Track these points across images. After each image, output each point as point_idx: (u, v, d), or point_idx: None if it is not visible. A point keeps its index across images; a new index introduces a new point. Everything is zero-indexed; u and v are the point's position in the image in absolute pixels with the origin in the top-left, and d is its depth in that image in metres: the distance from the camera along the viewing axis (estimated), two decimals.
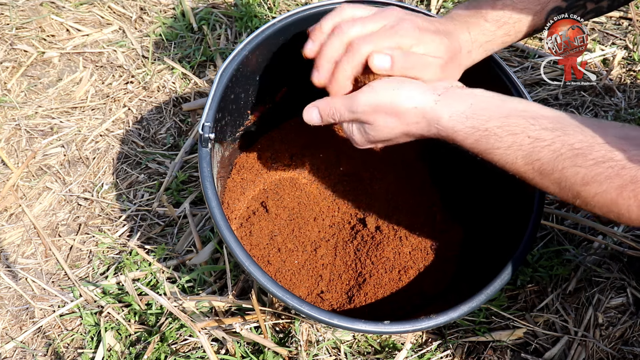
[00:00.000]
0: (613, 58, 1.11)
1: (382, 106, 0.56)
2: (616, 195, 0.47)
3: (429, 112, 0.55)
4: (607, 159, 0.48)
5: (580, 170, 0.49)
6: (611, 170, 0.47)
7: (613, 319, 0.81)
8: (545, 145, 0.51)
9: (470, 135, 0.54)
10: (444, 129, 0.55)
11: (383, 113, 0.56)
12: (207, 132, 0.63)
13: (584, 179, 0.49)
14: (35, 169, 1.00)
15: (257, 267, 0.59)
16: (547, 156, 0.51)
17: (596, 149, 0.49)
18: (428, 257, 0.81)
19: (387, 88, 0.56)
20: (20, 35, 1.17)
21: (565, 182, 0.50)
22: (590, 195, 0.49)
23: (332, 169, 0.90)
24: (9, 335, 0.83)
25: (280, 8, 1.22)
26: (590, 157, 0.49)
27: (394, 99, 0.55)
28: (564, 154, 0.50)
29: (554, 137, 0.51)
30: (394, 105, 0.55)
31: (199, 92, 1.10)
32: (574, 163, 0.49)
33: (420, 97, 0.55)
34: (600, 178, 0.48)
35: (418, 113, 0.55)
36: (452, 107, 0.54)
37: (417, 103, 0.55)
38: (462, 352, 0.79)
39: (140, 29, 1.21)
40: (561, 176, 0.50)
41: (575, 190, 0.50)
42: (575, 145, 0.50)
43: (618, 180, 0.47)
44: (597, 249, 0.87)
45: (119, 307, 0.82)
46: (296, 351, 0.76)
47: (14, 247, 0.92)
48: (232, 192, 0.85)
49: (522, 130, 0.52)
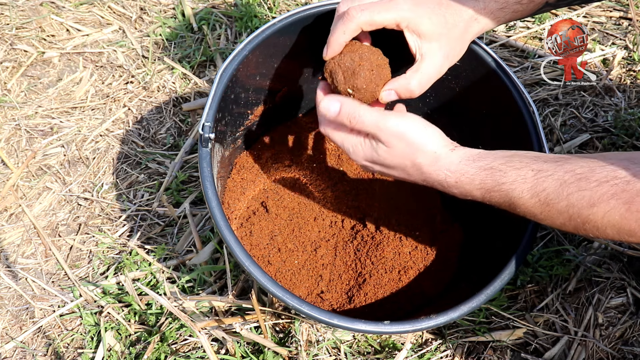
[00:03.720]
0: (613, 58, 1.11)
1: (408, 136, 0.57)
2: (625, 210, 0.47)
3: (444, 159, 0.57)
4: (610, 178, 0.48)
5: (586, 194, 0.49)
6: (616, 187, 0.47)
7: (613, 319, 0.81)
8: (548, 175, 0.52)
9: (476, 175, 0.56)
10: (452, 173, 0.57)
11: (405, 142, 0.57)
12: (207, 132, 0.63)
13: (590, 201, 0.49)
14: (35, 169, 1.00)
15: (257, 267, 0.59)
16: (552, 185, 0.51)
17: (598, 171, 0.49)
18: (428, 257, 0.81)
19: (418, 123, 0.58)
20: (20, 35, 1.17)
21: (573, 208, 0.50)
22: (598, 217, 0.49)
23: (332, 169, 0.90)
24: (9, 335, 0.83)
25: (280, 8, 1.22)
26: (594, 179, 0.49)
27: (421, 136, 0.57)
28: (568, 180, 0.50)
29: (556, 167, 0.52)
30: (418, 142, 0.57)
31: (199, 92, 1.10)
32: (578, 188, 0.49)
33: (440, 143, 0.58)
34: (606, 197, 0.48)
35: (434, 157, 0.58)
36: (463, 154, 0.58)
37: (437, 149, 0.58)
38: (462, 352, 0.79)
39: (140, 29, 1.21)
40: (568, 203, 0.50)
41: (584, 216, 0.49)
42: (577, 170, 0.50)
43: (624, 196, 0.47)
44: (597, 249, 0.87)
45: (119, 307, 0.82)
46: (296, 351, 0.76)
47: (14, 247, 0.92)
48: (232, 192, 0.85)
49: (526, 164, 0.54)
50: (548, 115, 1.04)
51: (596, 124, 1.03)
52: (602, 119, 1.03)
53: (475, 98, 0.80)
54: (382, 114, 0.58)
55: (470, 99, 0.80)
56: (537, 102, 1.07)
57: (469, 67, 0.76)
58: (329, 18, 0.66)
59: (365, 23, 0.59)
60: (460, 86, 0.80)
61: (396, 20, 0.60)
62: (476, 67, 0.76)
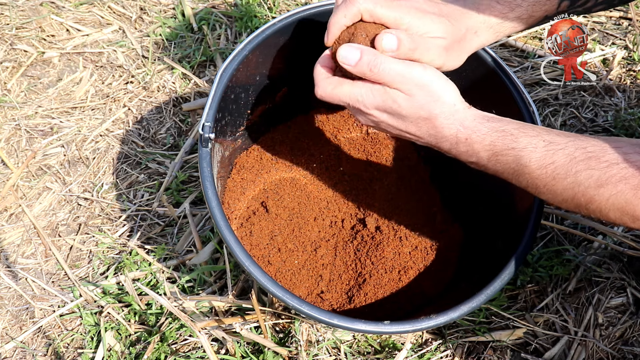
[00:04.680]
0: (613, 58, 1.11)
1: (431, 87, 0.56)
2: (632, 195, 0.47)
3: (461, 112, 0.57)
4: (621, 161, 0.48)
5: (594, 173, 0.48)
6: (626, 171, 0.47)
7: (613, 319, 0.81)
8: (559, 149, 0.51)
9: (488, 135, 0.55)
10: (465, 129, 0.56)
11: (426, 92, 0.56)
12: (207, 132, 0.63)
13: (598, 181, 0.48)
14: (35, 169, 1.00)
15: (257, 267, 0.59)
16: (561, 159, 0.51)
17: (609, 152, 0.48)
18: (428, 257, 0.81)
19: (441, 76, 0.57)
20: (20, 35, 1.17)
21: (579, 186, 0.50)
22: (604, 198, 0.48)
23: (332, 169, 0.90)
24: (9, 335, 0.83)
25: (280, 8, 1.22)
26: (604, 160, 0.48)
27: (443, 88, 0.57)
28: (578, 157, 0.50)
29: (568, 142, 0.51)
30: (440, 93, 0.56)
31: (199, 92, 1.10)
32: (587, 166, 0.49)
33: (460, 99, 0.58)
34: (615, 179, 0.47)
35: (453, 109, 0.57)
36: (478, 113, 0.57)
37: (456, 101, 0.57)
38: (462, 352, 0.79)
39: (140, 29, 1.21)
40: (575, 180, 0.50)
41: (589, 195, 0.49)
42: (588, 148, 0.50)
43: (634, 180, 0.46)
44: (597, 248, 0.87)
45: (119, 307, 0.82)
46: (296, 351, 0.76)
47: (14, 247, 0.92)
48: (232, 192, 0.85)
49: (538, 134, 0.53)
50: (548, 115, 1.04)
51: (596, 124, 1.03)
52: (602, 119, 1.03)
53: (476, 98, 0.80)
54: (406, 63, 0.56)
55: (470, 99, 0.80)
56: (537, 102, 1.07)
57: (469, 67, 0.76)
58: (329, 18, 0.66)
59: (366, 10, 0.59)
60: (460, 86, 0.79)
61: (397, 20, 0.59)
62: (476, 67, 0.76)
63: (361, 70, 0.57)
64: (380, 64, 0.56)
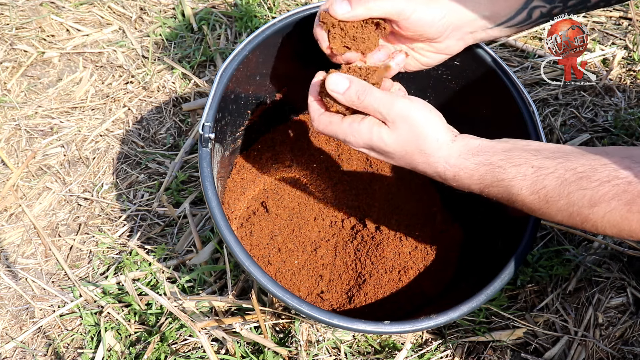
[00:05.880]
0: (613, 58, 1.11)
1: (413, 120, 0.56)
2: (626, 211, 0.47)
3: (445, 150, 0.57)
4: (612, 178, 0.48)
5: (587, 193, 0.48)
6: (618, 188, 0.47)
7: (613, 319, 0.81)
8: (549, 173, 0.51)
9: (475, 171, 0.55)
10: (451, 167, 0.56)
11: (409, 126, 0.56)
12: (207, 132, 0.63)
13: (591, 201, 0.48)
14: (35, 169, 1.00)
15: (257, 267, 0.59)
16: (552, 183, 0.51)
17: (600, 170, 0.49)
18: (428, 257, 0.81)
19: (424, 108, 0.57)
20: (20, 35, 1.17)
21: (573, 207, 0.50)
22: (599, 216, 0.48)
23: (332, 169, 0.90)
24: (9, 335, 0.83)
25: (280, 8, 1.22)
26: (595, 178, 0.48)
27: (426, 121, 0.57)
28: (569, 179, 0.50)
29: (557, 165, 0.51)
30: (422, 126, 0.56)
31: (199, 92, 1.10)
32: (579, 186, 0.49)
33: (443, 131, 0.57)
34: (608, 197, 0.47)
35: (435, 146, 0.57)
36: (463, 147, 0.57)
37: (440, 136, 0.57)
38: (462, 352, 0.79)
39: (140, 29, 1.21)
40: (568, 202, 0.50)
41: (584, 215, 0.49)
42: (578, 169, 0.50)
43: (626, 196, 0.46)
44: (597, 248, 0.87)
45: (119, 307, 0.82)
46: (296, 351, 0.76)
47: (14, 247, 0.92)
48: (232, 192, 0.85)
49: (525, 161, 0.53)
50: (548, 115, 1.04)
51: (596, 124, 1.03)
52: (602, 119, 1.03)
53: (475, 98, 0.80)
54: (390, 95, 0.57)
55: (470, 99, 0.80)
56: (537, 102, 1.07)
57: (469, 67, 0.76)
58: None
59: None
60: (460, 86, 0.80)
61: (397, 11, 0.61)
62: (476, 67, 0.76)
63: (349, 97, 0.58)
64: (368, 92, 0.57)
